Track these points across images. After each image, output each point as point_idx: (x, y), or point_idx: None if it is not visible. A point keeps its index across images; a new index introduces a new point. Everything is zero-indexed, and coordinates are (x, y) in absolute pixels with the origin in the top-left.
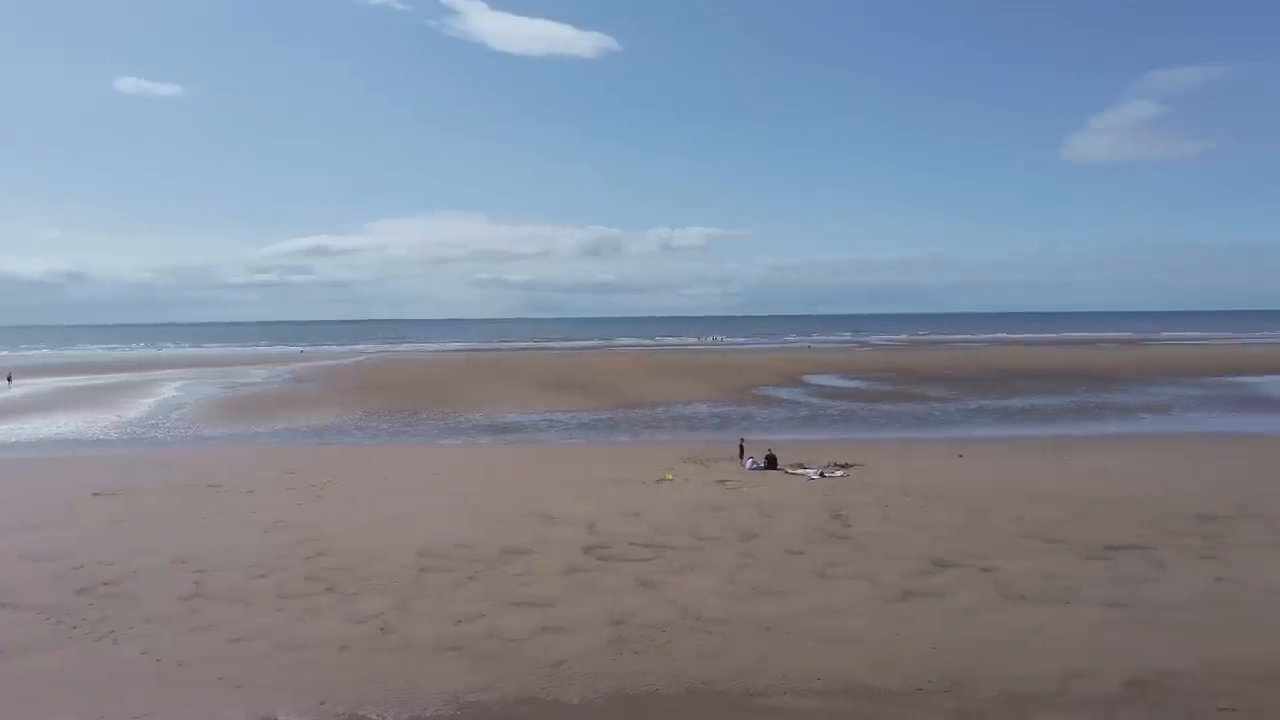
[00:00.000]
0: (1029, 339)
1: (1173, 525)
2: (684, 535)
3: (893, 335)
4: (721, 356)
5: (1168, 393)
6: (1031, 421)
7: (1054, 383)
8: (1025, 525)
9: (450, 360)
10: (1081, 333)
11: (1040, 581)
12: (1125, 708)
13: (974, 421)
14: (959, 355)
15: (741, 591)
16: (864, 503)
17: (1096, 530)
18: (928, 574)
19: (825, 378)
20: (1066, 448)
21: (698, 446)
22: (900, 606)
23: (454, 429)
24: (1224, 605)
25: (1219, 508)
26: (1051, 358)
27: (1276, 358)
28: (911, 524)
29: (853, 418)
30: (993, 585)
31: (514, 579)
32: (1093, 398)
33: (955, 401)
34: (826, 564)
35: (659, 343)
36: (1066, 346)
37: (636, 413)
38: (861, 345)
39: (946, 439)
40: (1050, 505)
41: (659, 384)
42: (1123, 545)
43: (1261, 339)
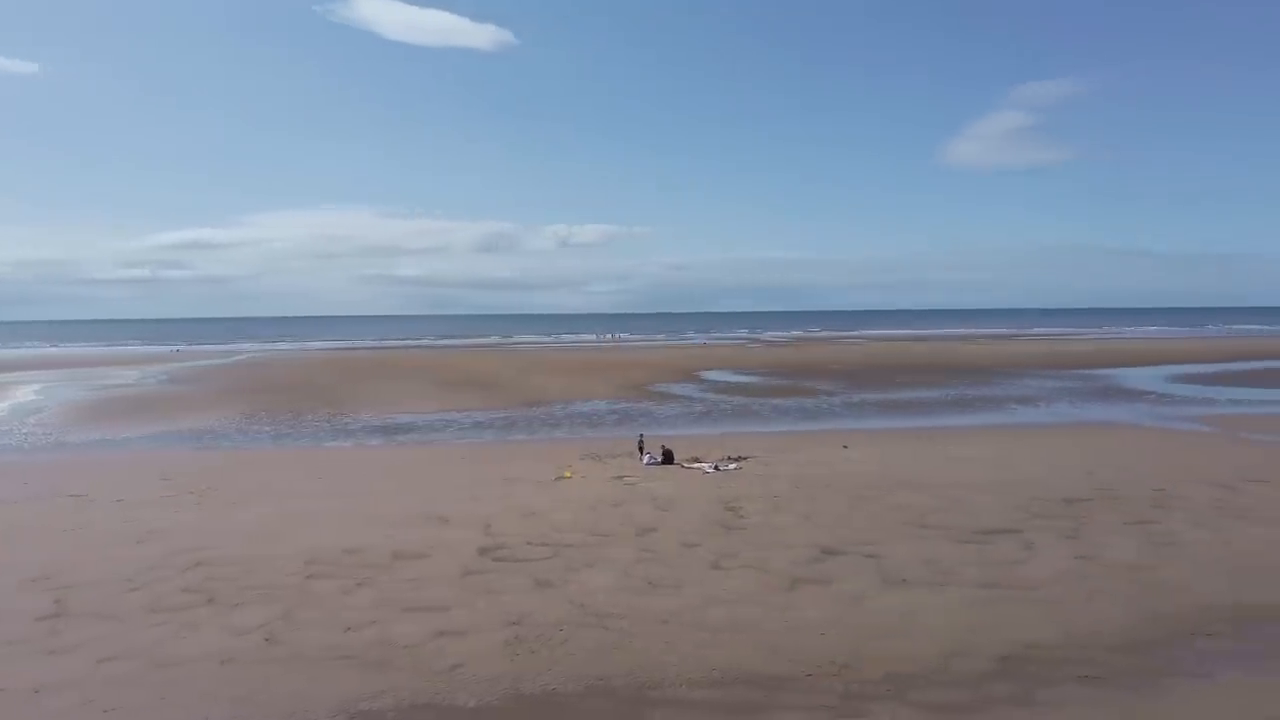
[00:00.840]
0: (910, 335)
1: (1040, 509)
2: (582, 533)
3: (785, 332)
4: (620, 354)
5: (1036, 384)
6: (912, 413)
7: (932, 376)
8: (906, 512)
9: (338, 359)
10: (958, 329)
11: (920, 566)
12: (997, 681)
13: (859, 414)
14: (845, 351)
15: (638, 586)
16: (756, 494)
17: (971, 516)
18: (816, 562)
19: (721, 374)
20: (944, 437)
21: (596, 443)
22: (790, 594)
23: (342, 430)
24: (1083, 581)
25: (1081, 491)
26: (931, 352)
27: (1130, 351)
28: (800, 514)
29: (746, 412)
30: (877, 571)
31: (406, 584)
32: (968, 390)
33: (842, 395)
34: (721, 555)
35: (558, 340)
36: (945, 342)
37: (534, 411)
38: (755, 342)
39: (833, 430)
40: (929, 493)
41: (557, 381)
42: (995, 529)
43: (1116, 334)
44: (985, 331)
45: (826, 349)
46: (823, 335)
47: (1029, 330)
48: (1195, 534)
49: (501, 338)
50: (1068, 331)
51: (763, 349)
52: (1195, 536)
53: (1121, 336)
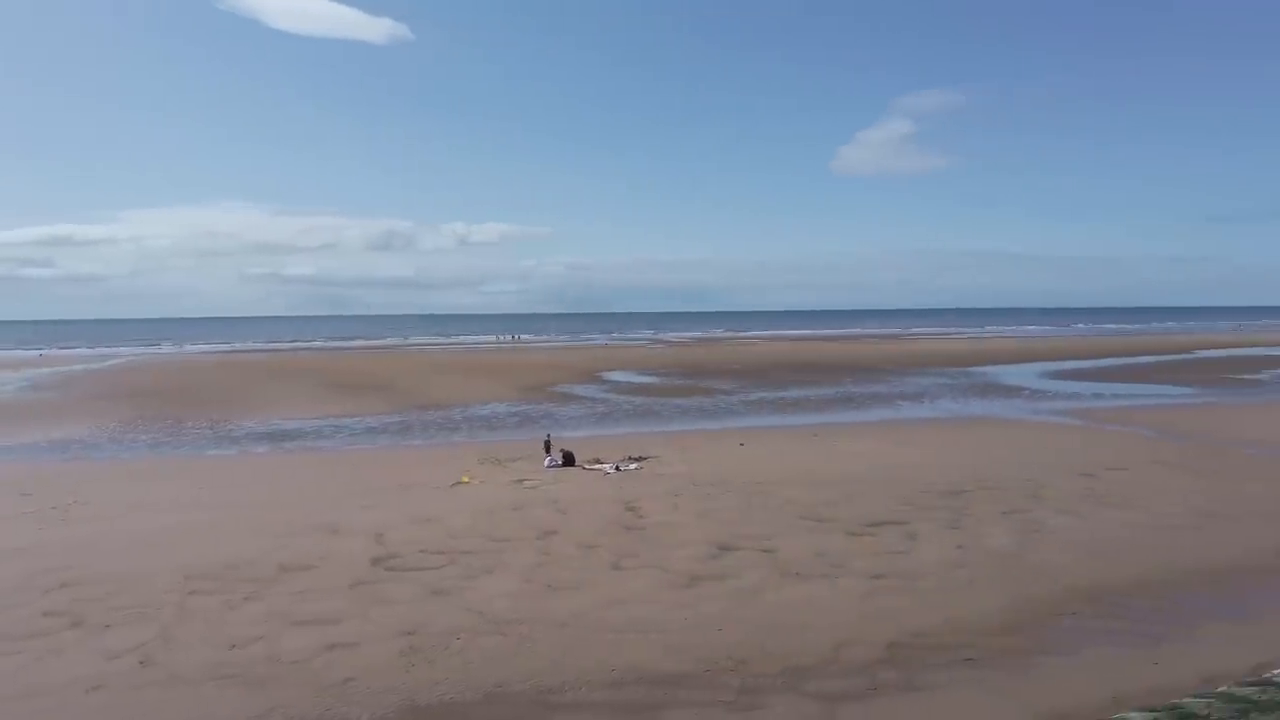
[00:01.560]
0: (806, 335)
1: (925, 501)
2: (480, 538)
3: (687, 333)
4: (521, 355)
5: (921, 382)
6: (806, 410)
7: (825, 374)
8: (800, 507)
9: (221, 362)
10: (851, 329)
11: (813, 559)
12: (886, 668)
13: (755, 412)
14: (743, 350)
15: (538, 590)
16: (656, 493)
17: (861, 509)
18: (713, 558)
19: (623, 374)
20: (835, 433)
21: (496, 447)
22: (688, 592)
23: (225, 438)
24: (963, 569)
25: (962, 483)
26: (824, 351)
27: (1006, 350)
28: (699, 511)
29: (648, 412)
30: (772, 565)
31: (294, 597)
32: (858, 388)
33: (739, 394)
34: (620, 555)
35: (456, 341)
36: (838, 341)
37: (431, 414)
38: (657, 343)
39: (731, 429)
40: (821, 487)
41: (455, 384)
42: (883, 521)
43: (994, 334)
44: (876, 331)
45: (726, 349)
46: (723, 336)
47: (915, 330)
48: (1062, 520)
49: (397, 338)
50: (949, 330)
51: (665, 349)
52: (1062, 523)
53: (998, 335)
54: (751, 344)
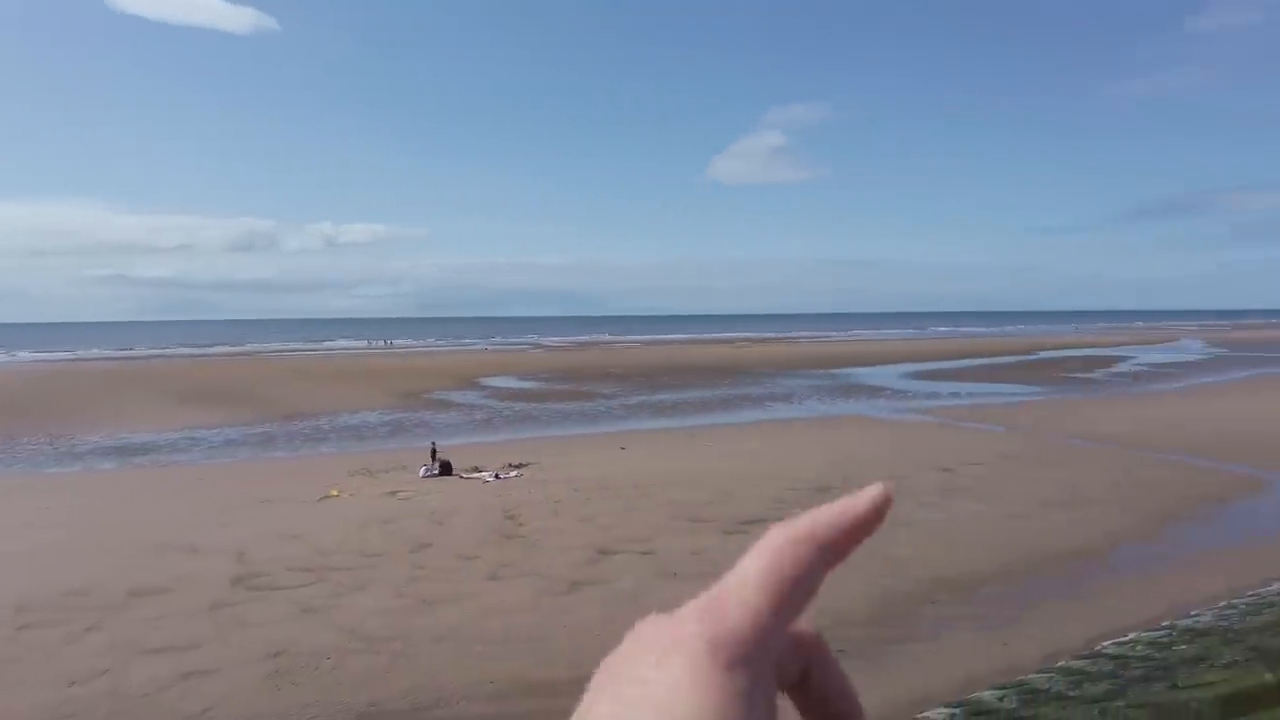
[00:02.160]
0: (685, 339)
1: (795, 497)
2: (350, 554)
3: (567, 337)
4: (394, 360)
5: (793, 383)
6: (684, 413)
7: (703, 377)
8: (678, 508)
9: (60, 371)
10: (728, 333)
11: (690, 558)
12: None
13: (636, 415)
14: (623, 354)
15: (413, 605)
16: (536, 500)
17: (735, 508)
18: (593, 563)
19: (503, 379)
20: (713, 434)
21: (367, 457)
22: (567, 598)
23: (67, 454)
24: None
25: (831, 479)
26: (701, 355)
27: (871, 352)
28: (579, 516)
29: (527, 417)
30: (651, 567)
31: (145, 624)
32: (734, 390)
33: (620, 398)
34: (499, 565)
35: (324, 347)
36: (713, 345)
37: (297, 424)
38: (539, 347)
39: (612, 432)
40: (698, 488)
41: (323, 391)
42: (756, 519)
43: (860, 337)
44: (750, 335)
45: (608, 354)
46: (605, 340)
47: (787, 334)
48: (924, 513)
49: (259, 344)
50: (819, 334)
51: (546, 354)
52: (924, 515)
53: (863, 339)
54: (632, 348)
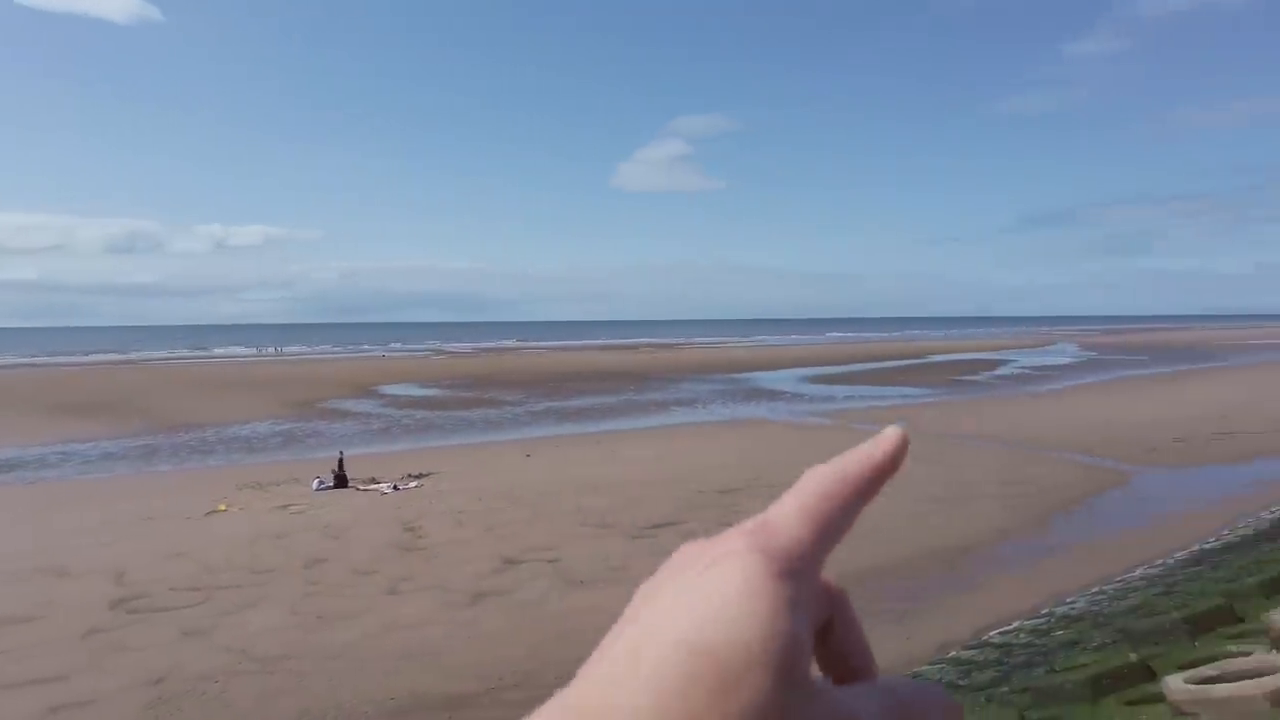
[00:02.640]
0: (589, 345)
1: (700, 501)
2: (240, 571)
3: (470, 343)
4: (287, 367)
5: (699, 388)
6: (590, 419)
7: (609, 383)
8: (584, 515)
9: None
10: (633, 338)
11: (597, 565)
12: None
13: (541, 422)
14: (531, 361)
15: (307, 622)
16: (438, 511)
17: (641, 512)
18: (498, 573)
19: (402, 387)
20: (620, 440)
21: (258, 470)
22: (471, 610)
23: None
24: None
25: (734, 482)
26: (608, 361)
27: (772, 357)
28: (483, 526)
29: (429, 426)
30: (556, 575)
31: (9, 657)
32: (639, 395)
33: (525, 405)
34: (399, 579)
35: (211, 354)
36: (620, 351)
37: (181, 436)
38: (439, 353)
39: (517, 440)
40: (605, 494)
41: (211, 401)
42: (662, 523)
43: (761, 343)
44: (655, 340)
45: (513, 360)
46: (510, 346)
47: (691, 339)
48: None
49: (140, 352)
50: (723, 340)
51: (448, 360)
52: None
53: (764, 345)
54: (538, 354)
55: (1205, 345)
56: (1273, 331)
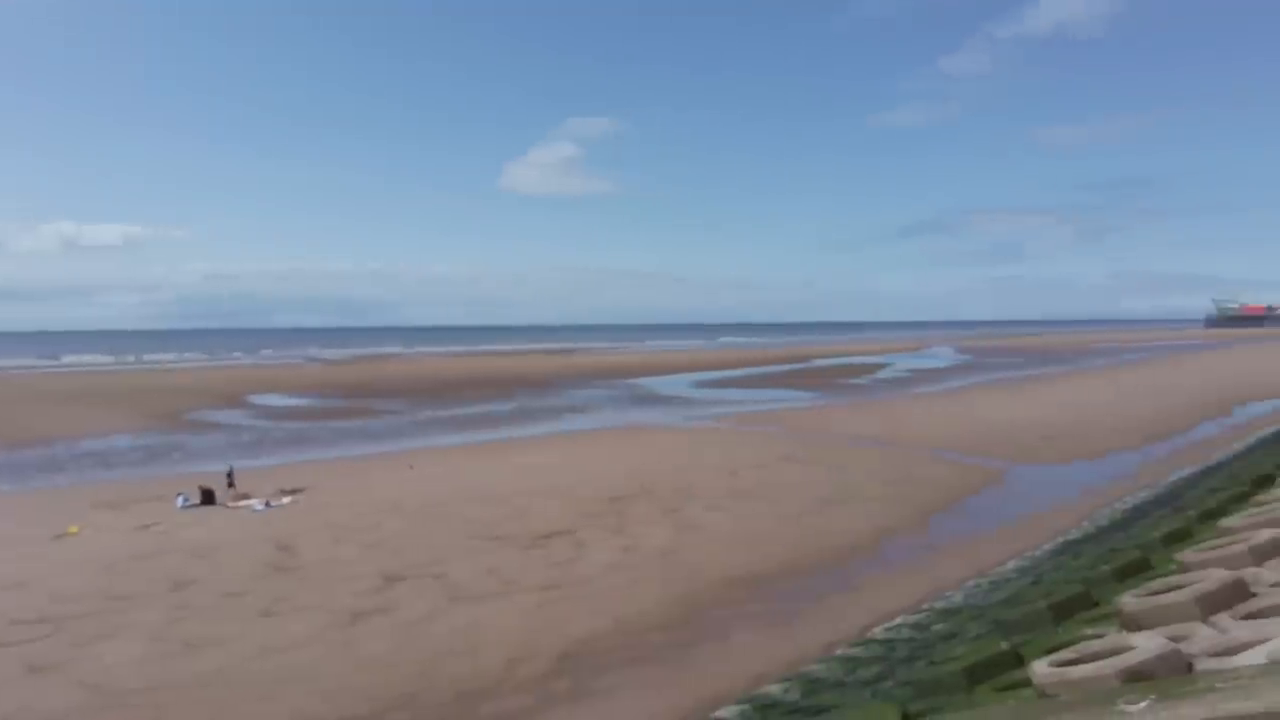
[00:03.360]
0: (477, 350)
1: (592, 509)
2: (95, 598)
3: (350, 349)
4: (147, 377)
5: (590, 394)
6: (479, 428)
7: (499, 390)
8: (472, 527)
9: None
10: (523, 345)
11: (485, 578)
12: (558, 679)
13: (425, 432)
14: (415, 368)
15: (173, 650)
16: (314, 528)
17: (533, 523)
18: (380, 591)
19: (276, 397)
20: (510, 448)
21: (115, 488)
22: (352, 630)
23: None
24: (629, 571)
25: (626, 488)
26: (496, 367)
27: (663, 362)
28: (364, 543)
29: (305, 438)
30: (442, 590)
31: None
32: (530, 402)
33: (408, 414)
34: (273, 600)
35: (60, 362)
36: (509, 357)
37: (26, 453)
38: (316, 361)
39: (401, 450)
40: (493, 505)
41: (60, 414)
42: (554, 533)
43: (654, 348)
44: (546, 346)
45: (396, 366)
46: (392, 352)
47: (583, 344)
48: (713, 516)
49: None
50: (614, 345)
51: (326, 368)
52: (714, 519)
53: (657, 350)
54: (423, 360)
55: (1067, 349)
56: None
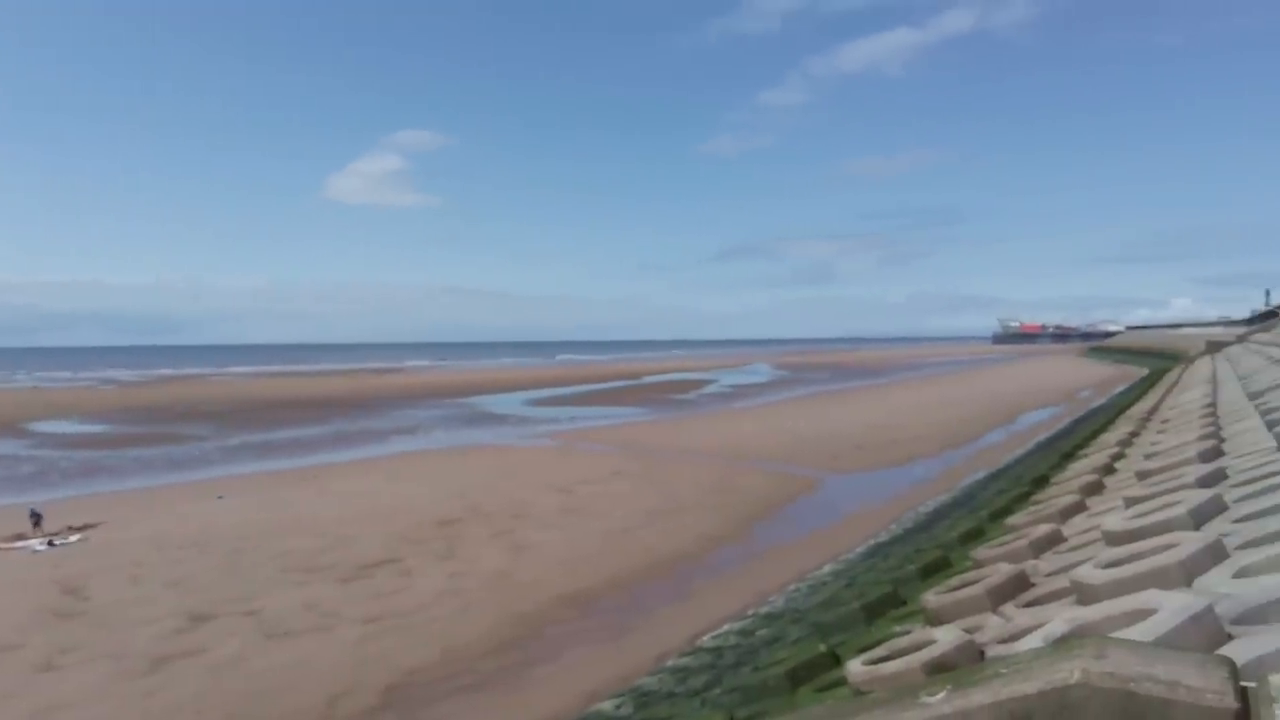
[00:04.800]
0: (294, 370)
1: (418, 535)
2: None
3: (147, 370)
4: None
5: (415, 414)
6: (295, 453)
7: (316, 412)
8: (289, 559)
9: None
10: (339, 363)
11: (304, 613)
12: (383, 714)
13: (236, 459)
14: (222, 388)
15: None
16: (107, 567)
17: (355, 552)
18: (184, 632)
19: (58, 423)
20: (329, 474)
21: None
22: (151, 678)
23: None
24: (458, 597)
25: (454, 512)
26: (314, 387)
27: (495, 380)
28: (166, 580)
29: (98, 468)
30: (256, 627)
31: None
32: (351, 424)
33: (217, 439)
34: (56, 651)
35: None
36: (327, 376)
37: None
38: (108, 382)
39: (207, 480)
40: (312, 535)
41: None
42: (378, 562)
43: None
44: (367, 365)
45: (204, 387)
46: (201, 373)
47: (406, 363)
48: (545, 535)
49: None
50: (446, 363)
51: (120, 390)
52: (545, 538)
53: (487, 368)
54: (235, 381)
55: (874, 364)
56: (923, 352)
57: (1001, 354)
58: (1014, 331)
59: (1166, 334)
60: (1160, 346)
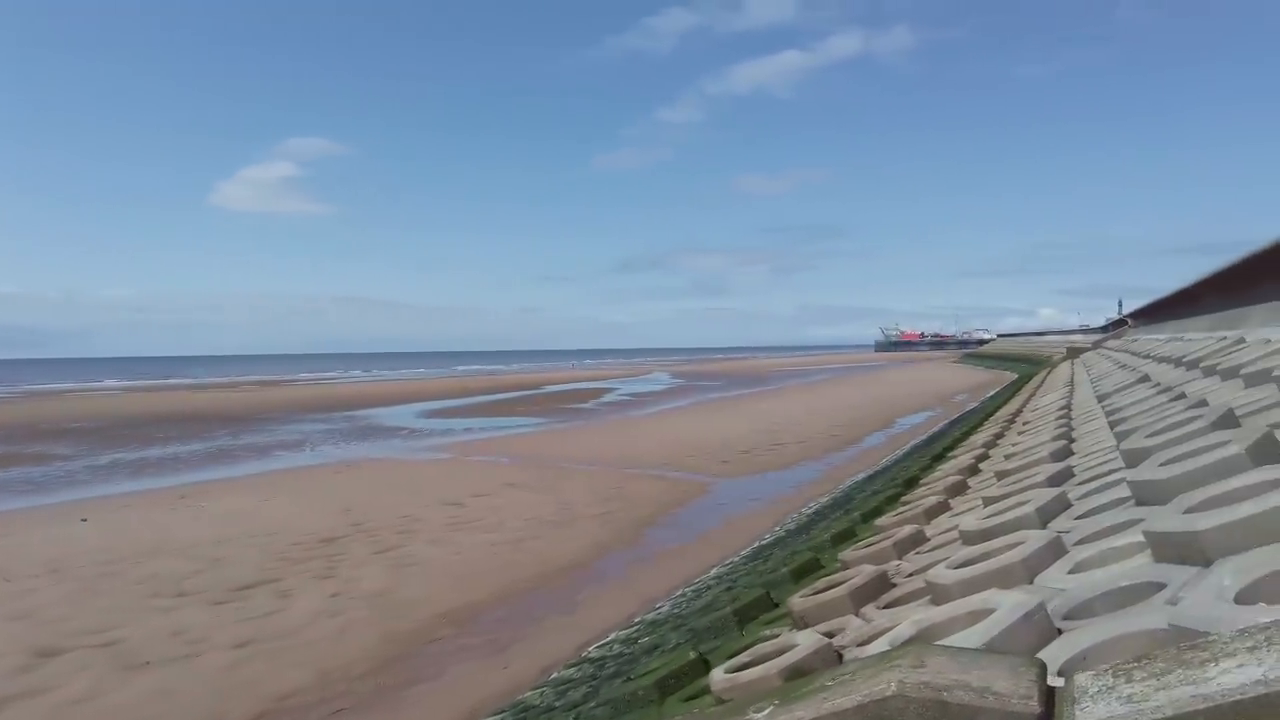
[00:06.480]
0: (173, 383)
1: (298, 554)
2: None
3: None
4: None
5: (302, 428)
6: (171, 471)
7: (194, 428)
8: (155, 584)
9: None
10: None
11: (168, 641)
12: None
13: (105, 478)
14: (94, 404)
15: None
16: None
17: (229, 574)
18: (28, 670)
19: None
20: (206, 492)
21: None
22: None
23: None
24: (336, 617)
25: (337, 529)
26: (194, 401)
27: (389, 392)
28: (9, 614)
29: None
30: (113, 660)
31: None
32: (232, 440)
33: (83, 458)
34: None
35: None
36: (207, 390)
37: None
38: None
39: (69, 502)
40: (182, 557)
41: None
42: (253, 583)
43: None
44: (251, 378)
45: (73, 403)
46: (72, 387)
47: (296, 375)
48: (432, 551)
49: None
50: (333, 375)
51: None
52: (432, 553)
53: (383, 379)
54: (105, 396)
55: (764, 372)
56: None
57: (883, 361)
58: (895, 340)
59: (1034, 340)
60: (1028, 352)
